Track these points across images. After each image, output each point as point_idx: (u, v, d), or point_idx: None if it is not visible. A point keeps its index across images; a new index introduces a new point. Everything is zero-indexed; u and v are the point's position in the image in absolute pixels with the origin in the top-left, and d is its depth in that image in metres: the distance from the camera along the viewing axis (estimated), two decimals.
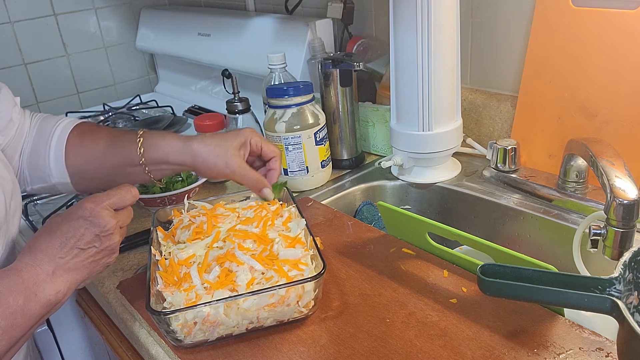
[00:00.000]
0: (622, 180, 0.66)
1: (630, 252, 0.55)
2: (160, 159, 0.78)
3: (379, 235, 0.83)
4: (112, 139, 0.81)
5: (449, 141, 0.97)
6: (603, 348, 0.58)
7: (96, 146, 0.81)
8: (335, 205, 0.99)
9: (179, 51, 1.63)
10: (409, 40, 0.90)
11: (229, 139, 0.78)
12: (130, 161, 0.79)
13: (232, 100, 1.04)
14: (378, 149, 1.14)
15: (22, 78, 1.59)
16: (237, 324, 0.63)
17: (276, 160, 0.82)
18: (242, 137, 0.79)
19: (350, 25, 1.26)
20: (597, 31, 0.85)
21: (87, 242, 0.62)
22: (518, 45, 1.00)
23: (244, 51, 1.37)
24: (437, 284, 0.70)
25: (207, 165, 0.77)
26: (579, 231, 0.78)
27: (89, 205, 0.63)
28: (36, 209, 1.14)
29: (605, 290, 0.52)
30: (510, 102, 1.01)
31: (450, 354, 0.59)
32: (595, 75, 0.86)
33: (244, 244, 0.69)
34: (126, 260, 0.86)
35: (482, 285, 0.57)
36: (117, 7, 1.73)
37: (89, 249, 0.62)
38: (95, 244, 0.63)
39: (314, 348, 0.62)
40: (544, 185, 0.90)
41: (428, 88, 0.92)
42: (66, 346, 1.11)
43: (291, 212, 0.77)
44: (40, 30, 1.59)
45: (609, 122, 0.86)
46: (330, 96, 1.04)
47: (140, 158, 0.78)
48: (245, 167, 0.78)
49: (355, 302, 0.69)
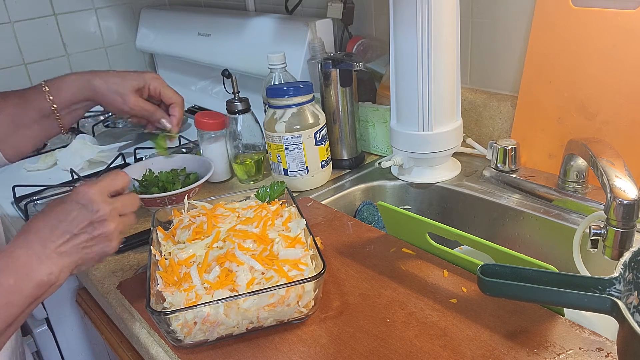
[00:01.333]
0: (622, 180, 0.66)
1: (630, 252, 0.55)
2: (69, 100, 0.83)
3: (379, 235, 0.83)
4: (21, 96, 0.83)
5: (449, 141, 0.97)
6: (603, 348, 0.58)
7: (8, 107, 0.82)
8: (335, 205, 0.99)
9: (179, 51, 1.63)
10: (409, 40, 0.90)
11: (127, 78, 0.85)
12: (44, 111, 0.82)
13: (232, 100, 1.04)
14: (378, 149, 1.14)
15: (22, 78, 1.59)
16: (237, 324, 0.63)
17: (175, 106, 0.88)
18: (141, 80, 0.86)
19: (350, 25, 1.26)
20: (597, 31, 0.85)
21: (79, 228, 0.62)
22: (518, 45, 1.00)
23: (244, 51, 1.37)
24: (437, 284, 0.70)
25: (106, 100, 0.84)
26: (579, 231, 0.78)
27: (81, 188, 0.63)
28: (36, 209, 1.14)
29: (605, 290, 0.52)
30: (510, 102, 1.01)
31: (450, 354, 0.59)
32: (595, 75, 0.86)
33: (244, 244, 0.69)
34: (126, 260, 0.86)
35: (482, 285, 0.57)
36: (117, 7, 1.73)
37: (81, 234, 0.62)
38: (88, 229, 0.62)
39: (314, 348, 0.62)
40: (544, 185, 0.90)
41: (428, 88, 0.92)
42: (66, 346, 1.11)
43: (291, 212, 0.77)
44: (40, 30, 1.59)
45: (609, 122, 0.86)
46: (330, 96, 1.04)
47: (52, 104, 0.81)
48: (142, 101, 0.85)
49: (355, 302, 0.69)
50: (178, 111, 0.89)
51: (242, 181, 1.09)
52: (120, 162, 1.26)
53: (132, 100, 0.84)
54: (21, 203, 1.14)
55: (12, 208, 1.14)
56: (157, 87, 0.87)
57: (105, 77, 0.84)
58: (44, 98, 0.82)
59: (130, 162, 1.24)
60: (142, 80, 0.86)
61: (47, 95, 0.81)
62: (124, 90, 0.84)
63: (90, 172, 1.27)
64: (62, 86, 0.83)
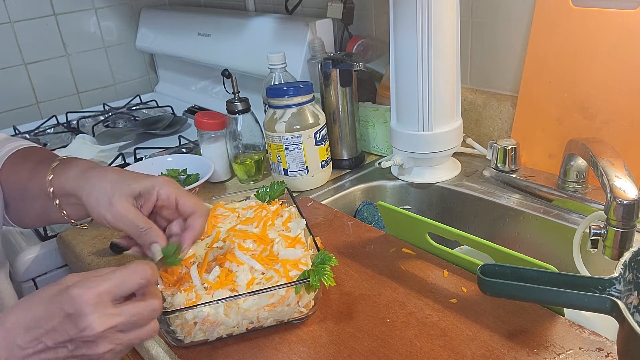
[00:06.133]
0: (622, 180, 0.66)
1: (630, 252, 0.55)
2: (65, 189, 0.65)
3: (379, 235, 0.83)
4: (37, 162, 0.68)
5: (449, 141, 0.97)
6: (603, 348, 0.58)
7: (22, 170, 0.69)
8: (335, 205, 0.99)
9: (179, 51, 1.63)
10: (409, 40, 0.90)
11: (129, 180, 0.62)
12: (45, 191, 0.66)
13: (232, 100, 1.04)
14: (378, 149, 1.14)
15: (22, 78, 1.59)
16: (237, 324, 0.63)
17: (197, 217, 0.63)
18: (147, 183, 0.62)
19: (350, 25, 1.26)
20: (597, 31, 0.85)
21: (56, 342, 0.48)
22: (518, 45, 1.00)
23: (244, 51, 1.37)
24: (437, 284, 0.70)
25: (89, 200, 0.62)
26: (579, 231, 0.78)
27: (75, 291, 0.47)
28: None
29: (605, 290, 0.52)
30: (510, 102, 1.01)
31: (450, 354, 0.59)
32: (595, 75, 0.86)
33: (244, 244, 0.69)
34: (126, 260, 0.86)
35: (482, 285, 0.57)
36: (117, 7, 1.73)
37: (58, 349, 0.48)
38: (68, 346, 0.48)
39: (314, 348, 0.62)
40: (544, 185, 0.90)
41: (428, 88, 0.92)
42: None
43: (291, 212, 0.77)
44: (40, 30, 1.59)
45: (609, 122, 0.86)
46: (330, 96, 1.04)
47: (49, 186, 0.65)
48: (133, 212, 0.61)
49: (355, 302, 0.69)
50: (200, 223, 0.63)
51: (242, 181, 1.09)
52: (120, 162, 1.26)
53: (120, 208, 0.60)
54: None
55: None
56: (172, 195, 0.63)
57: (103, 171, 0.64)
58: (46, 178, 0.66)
59: (130, 162, 1.24)
60: (148, 183, 0.62)
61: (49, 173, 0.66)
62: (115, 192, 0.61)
63: None
64: (64, 170, 0.66)
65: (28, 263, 0.98)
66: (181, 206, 0.63)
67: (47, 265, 1.00)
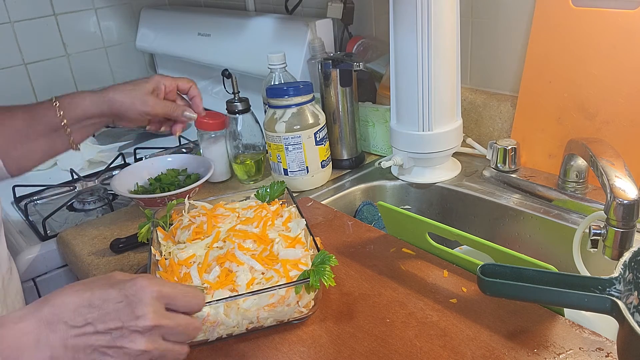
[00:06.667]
0: (622, 180, 0.66)
1: (630, 252, 0.55)
2: (80, 116, 0.81)
3: (379, 235, 0.83)
4: (28, 110, 0.81)
5: (449, 141, 0.97)
6: (603, 348, 0.58)
7: (15, 120, 0.80)
8: (335, 205, 0.99)
9: (179, 51, 1.63)
10: (409, 40, 0.90)
11: (140, 84, 0.85)
12: (53, 126, 0.80)
13: (232, 100, 1.04)
14: (378, 149, 1.14)
15: (22, 78, 1.59)
16: (237, 324, 0.63)
17: (194, 88, 0.90)
18: (153, 82, 0.86)
19: (350, 25, 1.26)
20: (597, 31, 0.85)
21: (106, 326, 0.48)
22: (518, 45, 1.00)
23: (244, 51, 1.37)
24: (437, 284, 0.70)
25: (125, 108, 0.82)
26: (579, 231, 0.78)
27: (142, 281, 0.50)
28: (36, 209, 1.14)
29: (605, 290, 0.52)
30: (510, 102, 1.01)
31: (450, 354, 0.59)
32: (595, 75, 0.86)
33: (244, 244, 0.69)
34: (126, 260, 0.87)
35: (482, 285, 0.57)
36: (117, 7, 1.73)
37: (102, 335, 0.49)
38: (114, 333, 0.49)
39: (314, 348, 0.62)
40: (544, 185, 0.90)
41: (428, 88, 0.92)
42: None
43: (291, 212, 0.77)
44: (40, 30, 1.59)
45: (609, 122, 0.86)
46: (330, 96, 1.04)
47: (62, 120, 0.80)
48: (161, 100, 0.86)
49: (355, 302, 0.69)
50: (198, 91, 0.91)
51: (242, 181, 1.09)
52: (120, 162, 1.26)
53: (152, 101, 0.84)
54: (21, 203, 1.14)
55: (12, 208, 1.14)
56: (172, 81, 0.88)
57: (118, 87, 0.84)
58: (53, 113, 0.80)
59: (131, 162, 1.24)
60: (154, 82, 0.86)
61: (57, 110, 0.80)
62: (141, 94, 0.83)
63: (90, 172, 1.27)
64: (74, 101, 0.81)
65: (28, 263, 0.98)
66: (180, 85, 0.89)
67: (47, 265, 1.00)
